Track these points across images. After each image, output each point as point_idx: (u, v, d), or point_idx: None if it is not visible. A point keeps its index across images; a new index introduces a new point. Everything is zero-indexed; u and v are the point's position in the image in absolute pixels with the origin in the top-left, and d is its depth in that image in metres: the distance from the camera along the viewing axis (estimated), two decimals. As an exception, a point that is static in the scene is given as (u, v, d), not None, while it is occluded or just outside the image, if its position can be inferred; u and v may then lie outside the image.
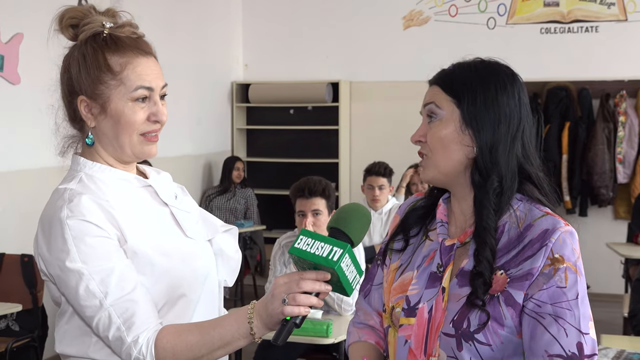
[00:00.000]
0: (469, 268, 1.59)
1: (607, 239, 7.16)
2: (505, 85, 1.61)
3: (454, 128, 1.60)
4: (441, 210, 1.70)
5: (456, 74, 1.64)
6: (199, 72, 7.91)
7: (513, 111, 1.60)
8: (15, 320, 4.98)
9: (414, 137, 1.66)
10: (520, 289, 1.53)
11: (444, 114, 1.61)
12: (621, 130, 7.55)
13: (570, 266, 1.53)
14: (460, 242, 1.63)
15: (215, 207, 7.66)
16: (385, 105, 8.17)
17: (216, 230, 1.87)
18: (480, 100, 1.59)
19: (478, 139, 1.59)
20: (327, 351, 4.29)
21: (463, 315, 1.56)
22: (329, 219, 4.09)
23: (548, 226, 1.55)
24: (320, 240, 1.53)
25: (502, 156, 1.59)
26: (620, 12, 7.59)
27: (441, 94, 1.63)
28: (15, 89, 5.51)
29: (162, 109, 1.73)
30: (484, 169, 1.59)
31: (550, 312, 1.51)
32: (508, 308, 1.53)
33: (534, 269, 1.52)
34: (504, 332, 1.53)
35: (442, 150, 1.61)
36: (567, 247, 1.53)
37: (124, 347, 1.62)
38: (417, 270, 1.68)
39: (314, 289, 1.53)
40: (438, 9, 8.03)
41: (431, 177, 1.66)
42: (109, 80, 1.69)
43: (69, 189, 1.68)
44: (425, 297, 1.62)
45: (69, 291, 1.64)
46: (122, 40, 1.71)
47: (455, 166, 1.62)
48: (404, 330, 1.64)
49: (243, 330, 1.60)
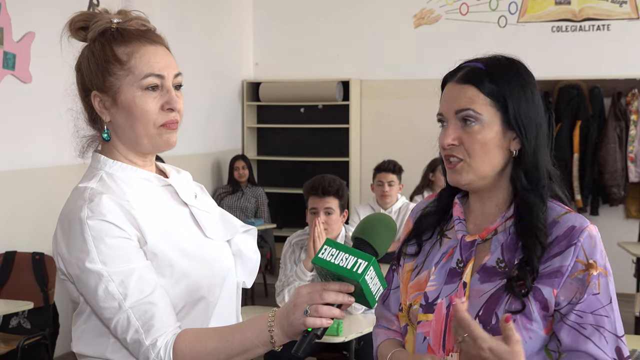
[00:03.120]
0: (492, 264, 1.59)
1: (618, 238, 7.13)
2: (536, 86, 1.63)
3: (497, 132, 1.59)
4: (457, 209, 1.70)
5: (494, 74, 1.61)
6: (210, 70, 7.91)
7: (543, 110, 1.62)
8: (26, 318, 5.00)
9: (445, 141, 1.61)
10: (549, 285, 1.54)
11: (486, 118, 1.59)
12: (633, 128, 7.52)
13: (601, 271, 1.54)
14: (481, 238, 1.63)
15: (226, 206, 7.66)
16: (396, 104, 8.15)
17: (235, 230, 1.85)
18: (524, 103, 1.59)
19: (524, 141, 1.59)
20: (337, 349, 4.29)
21: (489, 311, 1.56)
22: (340, 218, 4.11)
23: (574, 223, 1.57)
24: (344, 251, 1.49)
25: (543, 157, 1.61)
26: (632, 10, 7.55)
27: (479, 96, 1.60)
28: (27, 88, 5.53)
29: (175, 97, 1.69)
30: (529, 170, 1.60)
31: (592, 322, 1.53)
32: (536, 303, 1.54)
33: (564, 267, 1.54)
34: (533, 327, 1.54)
35: (483, 154, 1.60)
36: (597, 250, 1.55)
37: (142, 349, 1.60)
38: (434, 267, 1.67)
39: (337, 301, 1.49)
40: (449, 7, 8.01)
41: (469, 181, 1.63)
42: (118, 71, 1.67)
43: (89, 187, 1.67)
44: (444, 293, 1.62)
45: (88, 292, 1.63)
46: (129, 32, 1.70)
47: (495, 170, 1.61)
48: (422, 327, 1.64)
49: (263, 338, 1.57)
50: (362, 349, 4.07)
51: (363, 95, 8.32)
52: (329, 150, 8.35)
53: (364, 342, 4.06)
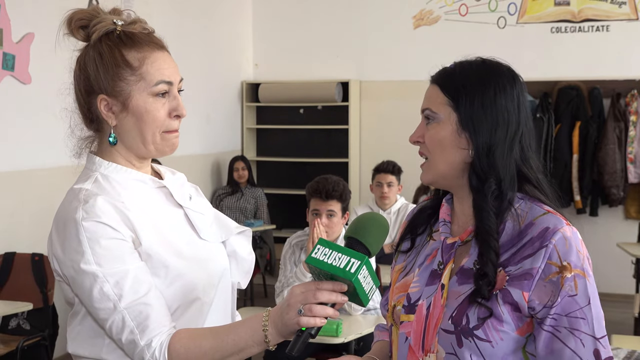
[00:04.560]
0: (469, 266, 1.59)
1: (617, 239, 7.14)
2: (505, 88, 1.60)
3: (451, 130, 1.60)
4: (444, 210, 1.71)
5: (456, 74, 1.63)
6: (209, 71, 7.92)
7: (512, 114, 1.59)
8: (26, 319, 5.00)
9: (412, 138, 1.66)
10: (519, 287, 1.52)
11: (441, 117, 1.61)
12: (632, 129, 7.52)
13: (578, 272, 1.52)
14: (461, 240, 1.63)
15: (225, 207, 7.67)
16: (395, 105, 8.16)
17: (230, 231, 1.86)
18: (478, 103, 1.58)
19: (475, 142, 1.58)
20: (336, 351, 4.29)
21: (461, 312, 1.56)
22: (341, 220, 4.11)
23: (549, 224, 1.54)
24: (337, 250, 1.51)
25: (499, 160, 1.58)
26: (632, 11, 7.56)
27: (439, 95, 1.62)
28: (27, 89, 5.53)
29: (182, 104, 1.73)
30: (481, 172, 1.58)
31: (566, 325, 1.51)
32: (506, 305, 1.53)
33: (534, 269, 1.52)
34: (504, 328, 1.53)
35: (439, 152, 1.61)
36: (572, 251, 1.52)
37: (137, 350, 1.61)
38: (418, 268, 1.69)
39: (330, 300, 1.52)
40: (448, 8, 8.02)
41: (430, 179, 1.66)
42: (129, 77, 1.68)
43: (84, 189, 1.67)
44: (425, 294, 1.63)
45: (82, 293, 1.64)
46: (136, 36, 1.71)
47: (453, 168, 1.62)
48: (404, 327, 1.65)
49: (257, 338, 1.59)
50: (361, 350, 4.06)
51: (362, 96, 8.32)
52: (328, 151, 8.35)
53: (363, 343, 4.06)
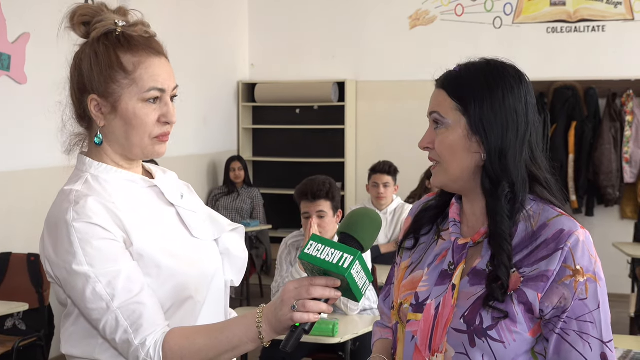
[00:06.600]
0: (482, 267, 1.59)
1: (613, 238, 7.14)
2: (513, 89, 1.60)
3: (461, 135, 1.59)
4: (454, 210, 1.70)
5: (462, 77, 1.62)
6: (205, 71, 7.91)
7: (520, 115, 1.59)
8: (22, 320, 4.99)
9: (421, 144, 1.65)
10: (534, 289, 1.53)
11: (450, 122, 1.60)
12: (628, 129, 7.53)
13: (590, 277, 1.53)
14: (473, 241, 1.63)
15: (221, 207, 7.67)
16: (392, 105, 8.16)
17: (223, 229, 1.86)
18: (487, 106, 1.58)
19: (486, 145, 1.58)
20: (333, 351, 4.29)
21: (475, 312, 1.56)
22: (334, 219, 4.11)
23: (563, 227, 1.55)
24: (330, 246, 1.51)
25: (511, 162, 1.58)
26: (627, 11, 7.57)
27: (446, 100, 1.61)
28: (22, 89, 5.52)
29: (172, 110, 1.72)
30: (494, 175, 1.58)
31: (575, 329, 1.52)
32: (520, 305, 1.53)
33: (549, 271, 1.53)
34: (517, 329, 1.54)
35: (450, 157, 1.61)
36: (585, 256, 1.54)
37: (131, 349, 1.61)
38: (428, 268, 1.68)
39: (324, 296, 1.52)
40: (444, 8, 8.02)
41: (442, 183, 1.66)
42: (122, 80, 1.67)
43: (74, 190, 1.67)
44: (434, 294, 1.63)
45: (75, 294, 1.64)
46: (134, 39, 1.70)
47: (465, 172, 1.61)
48: (411, 326, 1.65)
49: (251, 335, 1.59)
50: (357, 350, 4.07)
51: (359, 96, 8.32)
52: (324, 151, 8.35)
53: (359, 343, 4.06)
